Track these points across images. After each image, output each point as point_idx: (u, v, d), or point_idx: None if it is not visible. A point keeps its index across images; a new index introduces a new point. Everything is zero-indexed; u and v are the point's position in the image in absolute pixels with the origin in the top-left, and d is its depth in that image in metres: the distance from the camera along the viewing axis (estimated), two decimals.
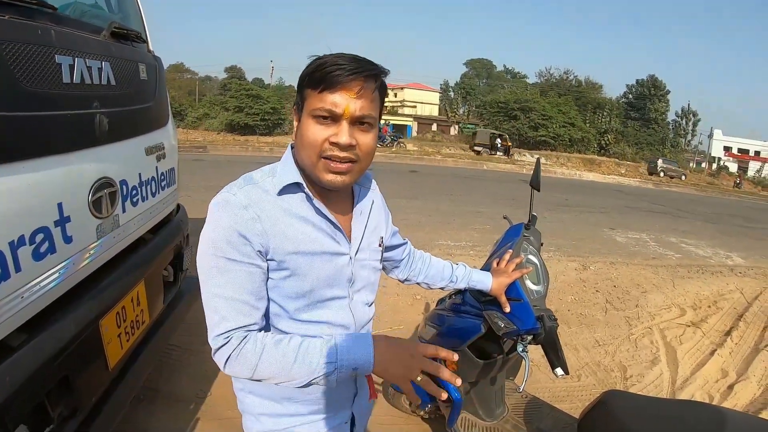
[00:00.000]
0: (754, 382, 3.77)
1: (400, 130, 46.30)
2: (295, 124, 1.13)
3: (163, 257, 2.32)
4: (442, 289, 1.76)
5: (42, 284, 1.45)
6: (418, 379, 1.04)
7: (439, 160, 25.51)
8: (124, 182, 1.92)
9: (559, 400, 3.24)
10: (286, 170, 1.13)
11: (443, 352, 1.09)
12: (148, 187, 2.18)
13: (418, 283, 1.70)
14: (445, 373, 1.05)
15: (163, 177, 2.35)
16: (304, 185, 1.12)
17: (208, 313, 1.09)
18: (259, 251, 1.07)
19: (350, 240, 1.22)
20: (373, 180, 1.38)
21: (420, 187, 14.07)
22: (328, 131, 1.04)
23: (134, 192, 2.02)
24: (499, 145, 31.70)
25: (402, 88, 60.12)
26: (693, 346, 4.38)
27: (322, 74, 1.02)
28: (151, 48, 2.47)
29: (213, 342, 1.08)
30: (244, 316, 1.08)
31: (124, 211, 1.93)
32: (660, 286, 5.97)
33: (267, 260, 1.09)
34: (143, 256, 2.13)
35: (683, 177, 32.64)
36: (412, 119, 50.70)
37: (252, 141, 28.26)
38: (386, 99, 1.21)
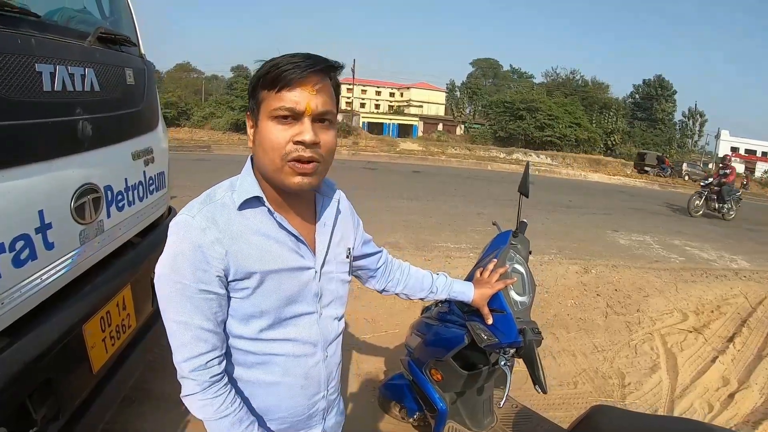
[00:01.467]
0: (756, 390, 3.71)
1: (406, 130, 46.36)
2: (251, 131, 1.10)
3: (152, 261, 2.26)
4: (422, 299, 1.72)
5: (23, 290, 1.46)
6: None
7: (443, 161, 25.45)
8: (108, 188, 1.91)
9: (555, 408, 3.21)
10: (245, 184, 1.10)
11: None
12: (135, 191, 2.17)
13: (396, 294, 1.66)
14: None
15: (151, 181, 2.34)
16: (264, 199, 1.09)
17: (170, 337, 1.07)
18: (218, 276, 1.04)
19: (315, 253, 1.19)
20: (337, 189, 1.33)
21: (423, 187, 14.03)
22: (291, 131, 1.01)
23: (120, 197, 2.02)
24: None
25: (408, 88, 60.22)
26: (694, 353, 4.33)
27: (277, 73, 0.99)
28: (142, 51, 2.45)
29: (177, 367, 1.08)
30: (203, 343, 1.06)
31: (109, 216, 1.93)
32: (662, 290, 5.90)
33: (229, 282, 1.07)
34: (130, 260, 2.13)
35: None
36: (418, 119, 50.72)
37: None
38: (392, 98, 1.18)
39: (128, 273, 2.09)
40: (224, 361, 1.12)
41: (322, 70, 1.03)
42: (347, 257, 1.31)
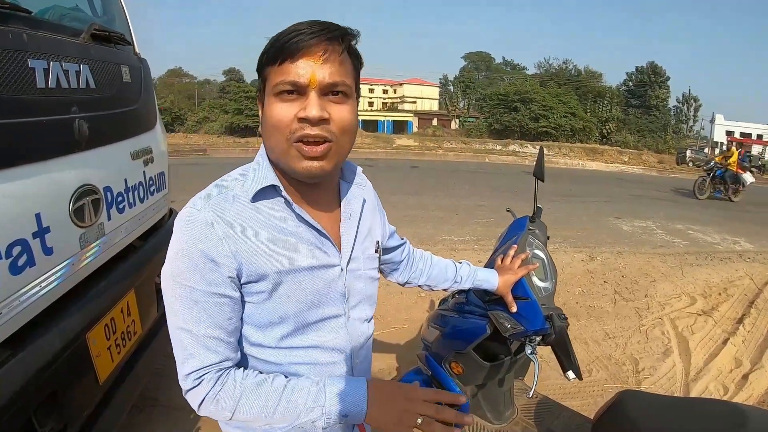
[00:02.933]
0: None
1: (401, 127, 46.32)
2: (261, 113, 0.97)
3: (155, 264, 2.22)
4: (445, 290, 1.64)
5: (22, 299, 1.38)
6: (419, 422, 0.92)
7: (440, 155, 25.44)
8: (108, 189, 1.84)
9: (570, 397, 3.16)
10: (260, 171, 0.98)
11: (446, 396, 0.98)
12: (136, 192, 2.10)
13: (419, 286, 1.57)
14: (449, 415, 0.94)
15: (151, 182, 2.28)
16: (281, 188, 0.97)
17: (175, 347, 0.96)
18: (230, 277, 0.93)
19: (340, 248, 1.06)
20: (362, 175, 1.20)
21: (421, 182, 14.01)
22: (295, 107, 0.89)
23: (120, 198, 1.95)
24: None
25: (401, 84, 60.11)
26: (705, 336, 4.29)
27: (280, 44, 0.88)
28: (137, 50, 2.39)
29: (182, 382, 0.96)
30: (213, 354, 0.95)
31: (109, 218, 1.86)
32: (669, 275, 5.88)
33: (242, 284, 0.95)
34: (133, 264, 2.06)
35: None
36: (412, 115, 50.67)
37: (253, 142, 28.36)
38: (385, 95, 1.06)
39: (132, 277, 2.02)
40: (238, 368, 1.00)
41: (332, 37, 0.90)
42: (376, 251, 1.18)
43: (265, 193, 0.97)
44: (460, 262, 1.62)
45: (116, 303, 1.88)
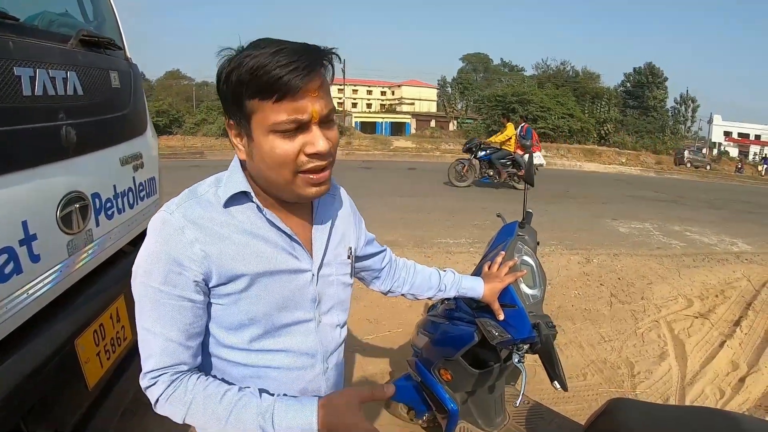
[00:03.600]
0: (766, 373, 3.66)
1: (399, 128, 46.35)
2: (237, 140, 0.97)
3: None
4: (429, 299, 1.63)
5: (10, 306, 1.38)
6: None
7: (438, 156, 25.38)
8: (96, 195, 1.84)
9: (565, 402, 3.15)
10: (233, 178, 1.00)
11: (377, 393, 0.99)
12: (125, 198, 2.10)
13: (403, 295, 1.56)
14: (378, 392, 0.98)
15: (141, 187, 2.27)
16: (253, 194, 0.99)
17: (139, 344, 0.99)
18: (195, 281, 0.94)
19: (312, 254, 1.09)
20: (335, 183, 1.21)
21: (419, 184, 13.97)
22: (298, 142, 0.90)
23: (109, 204, 1.94)
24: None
25: (399, 86, 60.24)
26: (702, 339, 4.28)
27: (269, 80, 0.85)
28: (128, 55, 2.39)
29: (141, 379, 0.99)
30: (170, 356, 0.97)
31: (98, 225, 1.86)
32: (665, 277, 5.86)
33: (211, 287, 0.97)
34: (122, 270, 2.05)
35: (708, 167, 32.40)
36: (410, 116, 50.73)
37: None
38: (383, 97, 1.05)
39: (121, 283, 2.01)
40: (194, 374, 1.01)
41: (322, 66, 0.91)
42: (348, 257, 1.20)
43: (237, 198, 0.99)
44: (445, 270, 1.62)
45: (105, 309, 1.88)
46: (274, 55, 0.85)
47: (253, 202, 1.00)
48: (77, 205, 1.70)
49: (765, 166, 33.82)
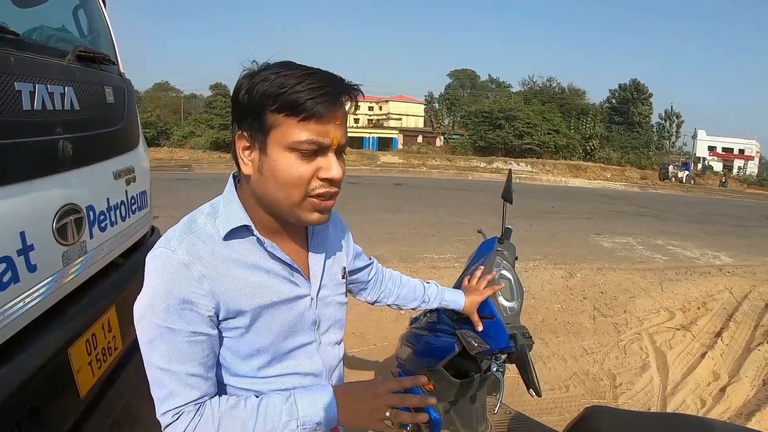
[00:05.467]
0: (747, 383, 3.75)
1: (386, 143, 46.47)
2: (246, 153, 0.96)
3: (136, 281, 2.22)
4: (413, 309, 1.69)
5: (6, 314, 1.41)
6: (387, 415, 0.97)
7: (424, 172, 25.53)
8: (90, 208, 1.88)
9: (548, 413, 3.20)
10: (230, 210, 1.00)
11: (407, 382, 1.03)
12: (118, 211, 2.13)
13: (388, 305, 1.60)
14: (414, 400, 1.00)
15: (133, 201, 2.31)
16: (253, 228, 0.99)
17: (153, 386, 0.97)
18: (208, 316, 0.94)
19: (309, 278, 1.09)
20: None
21: (405, 199, 14.05)
22: (314, 165, 0.91)
23: (102, 217, 1.98)
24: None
25: (387, 101, 60.38)
26: (683, 350, 4.36)
27: (299, 99, 0.87)
28: (122, 70, 2.43)
29: (162, 418, 0.97)
30: (194, 390, 0.95)
31: (91, 236, 1.89)
32: (648, 290, 5.96)
33: (219, 321, 0.97)
34: (114, 281, 2.09)
35: (692, 181, 32.89)
36: (397, 132, 50.89)
37: None
38: (371, 112, 1.09)
39: (113, 294, 2.04)
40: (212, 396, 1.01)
41: (349, 99, 0.94)
42: (343, 277, 1.22)
43: (237, 232, 0.99)
44: (428, 283, 1.67)
45: (98, 319, 1.90)
46: (305, 77, 0.88)
47: (253, 235, 1.00)
48: (72, 218, 1.73)
49: (686, 173, 33.98)
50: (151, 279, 0.94)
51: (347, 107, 0.95)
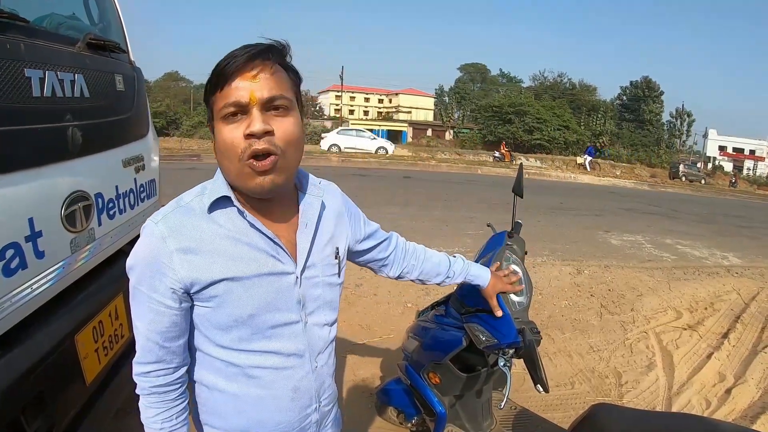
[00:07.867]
0: (753, 385, 3.72)
1: (395, 136, 46.43)
2: (213, 141, 1.04)
3: None
4: (438, 284, 1.66)
5: (14, 300, 1.42)
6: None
7: (433, 166, 25.40)
8: (99, 195, 1.88)
9: (552, 409, 3.19)
10: (216, 185, 1.05)
11: None
12: (126, 199, 2.14)
13: (412, 280, 1.60)
14: None
15: (142, 189, 2.32)
16: (234, 198, 1.03)
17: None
18: (172, 289, 1.00)
19: (296, 256, 1.11)
20: (320, 185, 1.23)
21: (413, 193, 13.99)
22: (241, 127, 0.95)
23: (111, 205, 1.99)
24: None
25: (397, 94, 60.34)
26: (689, 350, 4.33)
27: (217, 72, 0.96)
28: (132, 58, 2.43)
29: (134, 365, 1.10)
30: (151, 354, 1.06)
31: (100, 224, 1.90)
32: (655, 289, 5.93)
33: (193, 294, 1.03)
34: (122, 269, 2.07)
35: (702, 181, 32.49)
36: (407, 125, 50.80)
37: None
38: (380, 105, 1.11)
39: (120, 282, 2.03)
40: (172, 375, 1.10)
41: (262, 55, 0.97)
42: (336, 258, 1.21)
43: (220, 204, 1.04)
44: (455, 256, 1.66)
45: (105, 307, 1.92)
46: (227, 54, 0.97)
47: (234, 206, 1.04)
48: (81, 205, 1.73)
49: (586, 157, 32.48)
50: (136, 245, 1.04)
51: (268, 64, 0.98)
